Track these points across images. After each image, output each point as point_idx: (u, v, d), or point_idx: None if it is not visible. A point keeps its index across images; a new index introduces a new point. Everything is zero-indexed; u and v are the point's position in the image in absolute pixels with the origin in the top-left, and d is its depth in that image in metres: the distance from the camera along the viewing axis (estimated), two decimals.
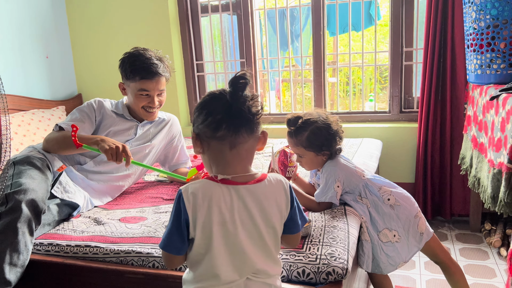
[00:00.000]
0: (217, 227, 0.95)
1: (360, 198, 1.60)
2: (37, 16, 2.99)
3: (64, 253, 1.47)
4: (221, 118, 0.95)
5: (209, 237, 0.95)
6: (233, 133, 0.96)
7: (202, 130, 0.98)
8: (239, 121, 0.96)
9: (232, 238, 0.97)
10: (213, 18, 3.25)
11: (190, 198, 0.94)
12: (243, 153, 1.00)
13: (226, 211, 0.96)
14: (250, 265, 0.99)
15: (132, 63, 1.85)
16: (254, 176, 1.01)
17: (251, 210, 0.98)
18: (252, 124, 0.98)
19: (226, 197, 0.96)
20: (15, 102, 2.72)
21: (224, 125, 0.95)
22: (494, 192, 1.63)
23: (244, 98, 0.96)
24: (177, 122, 2.18)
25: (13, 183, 1.55)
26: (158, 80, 1.88)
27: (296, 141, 1.60)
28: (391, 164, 2.80)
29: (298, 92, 3.93)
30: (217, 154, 0.99)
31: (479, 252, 2.31)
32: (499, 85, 1.87)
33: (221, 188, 0.97)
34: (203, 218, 0.95)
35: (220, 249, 0.96)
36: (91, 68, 3.31)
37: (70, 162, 1.92)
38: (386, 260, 1.57)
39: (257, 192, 0.99)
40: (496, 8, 1.88)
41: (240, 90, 0.95)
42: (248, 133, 0.98)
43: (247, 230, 0.98)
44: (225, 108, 0.96)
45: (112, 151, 1.62)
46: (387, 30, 3.01)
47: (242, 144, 0.98)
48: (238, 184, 0.98)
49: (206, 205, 0.95)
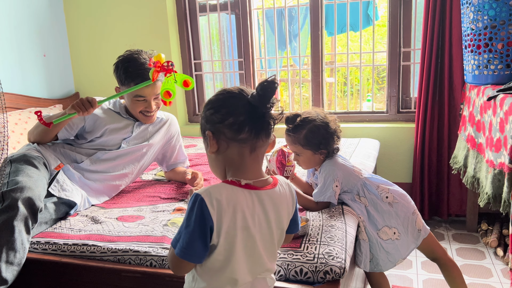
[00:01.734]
0: (240, 232, 0.93)
1: (358, 197, 1.60)
2: (35, 14, 2.98)
3: (61, 251, 1.47)
4: (243, 120, 0.93)
5: (232, 242, 0.93)
6: (254, 137, 0.94)
7: (221, 129, 0.95)
8: (261, 124, 0.95)
9: (251, 243, 0.96)
10: (211, 17, 3.24)
11: (214, 204, 0.90)
12: (260, 157, 0.99)
13: (249, 215, 0.94)
14: (262, 266, 0.99)
15: (125, 69, 1.82)
16: (269, 180, 1.00)
17: (269, 214, 0.98)
18: (271, 129, 0.98)
19: (249, 202, 0.94)
20: (12, 101, 2.71)
21: (247, 127, 0.93)
22: (495, 192, 1.64)
23: (271, 104, 0.94)
24: (175, 122, 2.18)
25: (10, 181, 1.54)
26: (153, 85, 1.84)
27: (294, 139, 1.60)
28: (388, 164, 2.81)
29: (296, 92, 3.93)
30: (236, 157, 0.96)
31: (476, 252, 2.32)
32: (497, 86, 1.88)
33: (244, 193, 0.94)
34: (228, 224, 0.91)
35: (241, 254, 0.95)
36: (88, 67, 3.30)
37: (66, 160, 1.92)
38: (385, 258, 1.57)
39: (274, 196, 0.99)
40: (493, 9, 1.89)
41: (270, 94, 0.93)
42: (266, 136, 0.97)
43: (262, 233, 0.98)
44: (248, 109, 0.93)
45: (78, 104, 1.67)
46: (385, 30, 3.02)
47: (260, 148, 0.97)
48: (260, 189, 0.97)
49: (231, 210, 0.92)
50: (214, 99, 0.98)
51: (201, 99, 3.31)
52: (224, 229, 0.91)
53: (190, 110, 3.31)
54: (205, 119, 0.99)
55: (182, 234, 0.92)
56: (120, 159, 1.96)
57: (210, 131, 0.96)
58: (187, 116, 3.32)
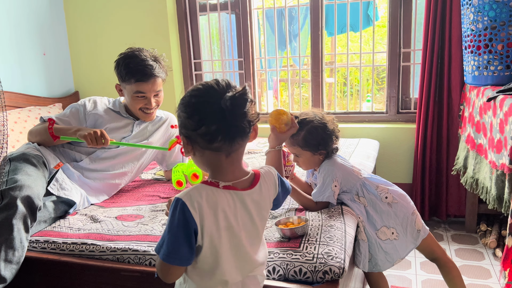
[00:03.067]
0: (224, 232, 0.94)
1: (357, 197, 1.60)
2: (35, 13, 2.97)
3: (60, 250, 1.47)
4: (216, 129, 0.90)
5: (217, 243, 0.93)
6: (229, 144, 0.93)
7: (195, 138, 0.93)
8: (235, 131, 0.92)
9: (236, 242, 0.96)
10: (212, 17, 3.24)
11: (195, 206, 0.90)
12: (239, 157, 0.98)
13: (231, 215, 0.95)
14: (251, 263, 1.00)
15: (126, 65, 1.84)
16: (250, 179, 1.00)
17: (251, 212, 0.98)
18: (247, 132, 0.95)
19: (230, 202, 0.95)
20: (12, 99, 2.71)
21: (219, 137, 0.91)
22: (499, 193, 1.64)
23: (244, 114, 0.91)
24: (175, 121, 2.18)
25: (9, 179, 1.54)
26: (154, 82, 1.86)
27: (293, 141, 1.60)
28: (388, 165, 2.81)
29: (295, 92, 3.93)
30: (213, 161, 0.96)
31: (475, 253, 2.32)
32: (496, 87, 1.88)
33: (224, 193, 0.95)
34: (210, 225, 0.92)
35: (227, 254, 0.95)
36: (88, 66, 3.29)
37: (66, 159, 1.92)
38: (384, 258, 1.57)
39: (255, 195, 0.99)
40: (494, 10, 1.89)
41: (240, 109, 0.90)
42: (243, 139, 0.95)
43: (247, 231, 0.98)
44: (220, 117, 0.89)
45: (91, 136, 1.69)
46: (385, 31, 3.01)
47: (237, 151, 0.96)
48: (240, 190, 0.97)
49: (213, 212, 0.92)
50: (187, 102, 0.94)
51: None
52: (207, 230, 0.92)
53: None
54: (180, 121, 0.96)
55: (166, 239, 0.91)
56: (119, 157, 1.96)
57: (185, 137, 0.96)
58: None
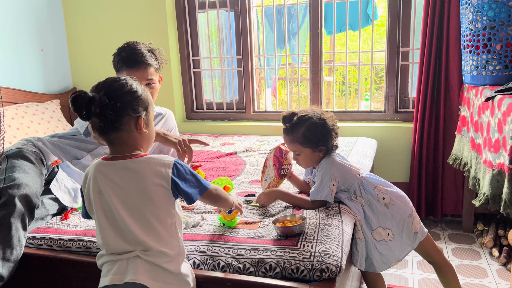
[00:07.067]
0: (95, 195, 1.13)
1: (355, 197, 1.60)
2: (32, 9, 2.96)
3: (57, 247, 1.46)
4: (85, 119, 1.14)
5: (90, 203, 1.15)
6: (98, 133, 1.15)
7: None
8: (92, 122, 1.14)
9: (108, 206, 1.11)
10: (210, 14, 3.23)
11: (85, 173, 1.19)
12: (116, 141, 1.15)
13: (102, 181, 1.12)
14: (131, 234, 1.10)
15: (118, 55, 1.87)
16: (134, 154, 1.15)
17: (127, 182, 1.11)
18: (105, 122, 1.12)
19: (103, 170, 1.13)
20: (9, 95, 2.70)
21: (88, 125, 1.19)
22: (494, 193, 1.64)
23: (87, 110, 1.10)
24: (172, 117, 2.17)
25: (6, 177, 1.53)
26: (144, 70, 1.85)
27: (293, 138, 1.60)
28: (385, 164, 2.82)
29: (294, 91, 3.93)
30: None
31: (471, 252, 2.33)
32: (495, 87, 1.88)
33: (102, 163, 1.15)
34: (85, 187, 1.17)
35: (101, 215, 1.13)
36: (86, 62, 3.28)
37: (66, 157, 1.90)
38: (379, 259, 1.57)
39: (131, 166, 1.12)
40: (493, 10, 1.89)
41: (75, 110, 1.10)
42: (107, 129, 1.13)
43: (122, 200, 1.11)
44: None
45: (180, 144, 1.75)
46: (384, 30, 3.01)
47: (108, 135, 1.15)
48: (117, 160, 1.14)
49: (87, 177, 1.16)
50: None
51: (199, 96, 3.30)
52: (84, 192, 1.17)
53: (188, 107, 3.30)
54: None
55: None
56: None
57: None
58: (184, 113, 3.31)
